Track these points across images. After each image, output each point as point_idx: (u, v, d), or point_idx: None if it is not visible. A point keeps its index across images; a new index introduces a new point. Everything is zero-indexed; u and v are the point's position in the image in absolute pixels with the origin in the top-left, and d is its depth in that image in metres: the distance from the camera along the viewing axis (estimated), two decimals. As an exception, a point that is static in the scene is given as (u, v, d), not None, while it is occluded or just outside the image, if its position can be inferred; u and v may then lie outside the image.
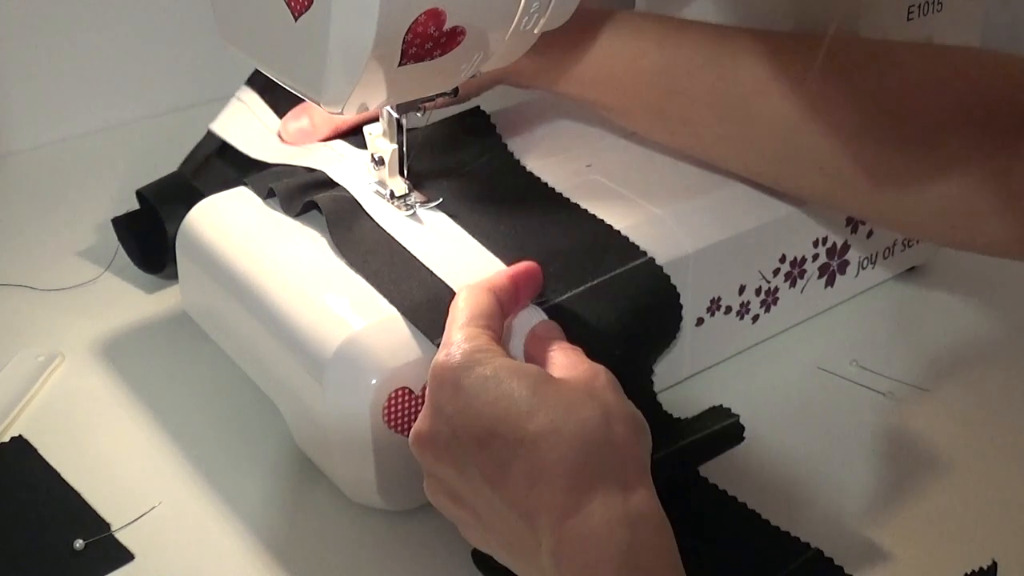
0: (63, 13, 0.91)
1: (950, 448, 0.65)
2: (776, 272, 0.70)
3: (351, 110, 0.56)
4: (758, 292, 0.69)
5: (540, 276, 0.58)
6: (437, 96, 0.63)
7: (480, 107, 0.73)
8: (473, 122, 0.72)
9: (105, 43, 0.94)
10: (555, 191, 0.67)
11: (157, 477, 0.62)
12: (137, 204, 0.76)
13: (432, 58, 0.54)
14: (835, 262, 0.73)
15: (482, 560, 0.56)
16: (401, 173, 0.64)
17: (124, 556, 0.57)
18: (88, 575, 0.56)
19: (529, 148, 0.71)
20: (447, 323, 0.54)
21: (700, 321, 0.67)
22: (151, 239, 0.75)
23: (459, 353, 0.51)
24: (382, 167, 0.64)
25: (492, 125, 0.72)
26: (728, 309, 0.68)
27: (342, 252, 0.61)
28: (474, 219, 0.64)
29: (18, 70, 0.91)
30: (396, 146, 0.63)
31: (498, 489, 0.49)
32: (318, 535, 0.59)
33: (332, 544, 0.59)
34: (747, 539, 0.58)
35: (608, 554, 0.47)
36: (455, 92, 0.65)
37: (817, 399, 0.68)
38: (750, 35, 0.64)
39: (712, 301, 0.67)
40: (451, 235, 0.63)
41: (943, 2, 0.70)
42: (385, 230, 0.63)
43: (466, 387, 0.50)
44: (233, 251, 0.64)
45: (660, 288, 0.63)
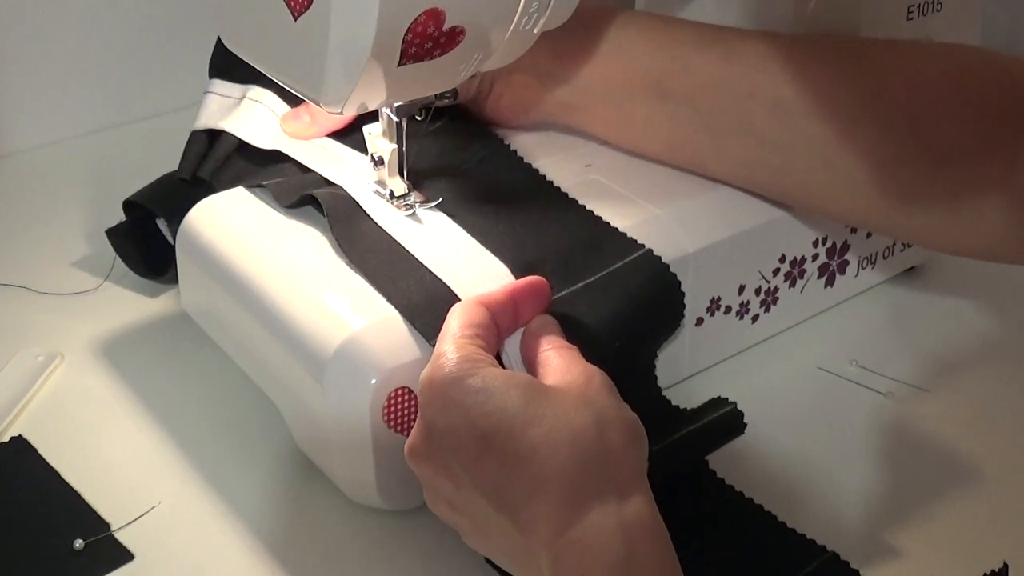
0: (63, 13, 0.91)
1: (950, 448, 0.65)
2: (776, 272, 0.70)
3: (351, 110, 0.56)
4: (758, 292, 0.69)
5: (546, 292, 0.58)
6: (437, 98, 0.63)
7: None
8: (472, 122, 0.72)
9: (105, 43, 0.94)
10: (556, 189, 0.67)
11: (157, 477, 0.62)
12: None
13: (432, 58, 0.54)
14: (835, 262, 0.73)
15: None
16: (401, 173, 0.64)
17: (124, 556, 0.57)
18: (88, 575, 0.56)
19: (529, 148, 0.71)
20: (439, 338, 0.54)
21: (700, 321, 0.67)
22: (149, 244, 0.75)
23: (447, 365, 0.51)
24: (382, 167, 0.64)
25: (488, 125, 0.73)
26: (728, 309, 0.68)
27: (342, 247, 0.61)
28: (474, 219, 0.64)
29: (18, 70, 0.91)
30: (396, 146, 0.63)
31: (494, 502, 0.49)
32: (318, 535, 0.59)
33: (332, 544, 0.59)
34: (761, 541, 0.58)
35: (605, 563, 0.47)
36: (455, 95, 0.65)
37: (817, 399, 0.68)
38: (753, 36, 0.65)
39: (712, 301, 0.67)
40: (451, 235, 0.63)
41: (943, 2, 0.70)
42: (384, 229, 0.63)
43: (456, 400, 0.50)
44: (233, 251, 0.64)
45: (660, 278, 0.63)
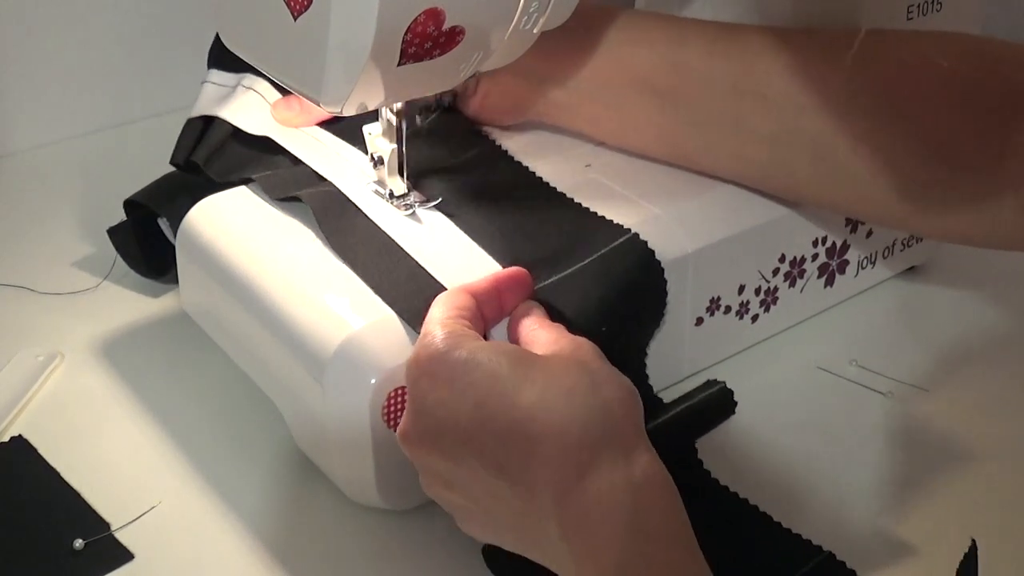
0: (63, 13, 0.91)
1: (950, 448, 0.65)
2: (776, 272, 0.70)
3: (351, 110, 0.56)
4: (758, 292, 0.69)
5: (528, 282, 0.58)
6: (436, 99, 0.63)
7: None
8: (471, 123, 0.73)
9: (105, 43, 0.94)
10: (556, 190, 0.67)
11: (157, 477, 0.62)
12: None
13: (431, 58, 0.54)
14: (835, 262, 0.73)
15: (492, 557, 0.56)
16: (400, 173, 0.64)
17: (124, 556, 0.57)
18: (88, 575, 0.56)
19: (529, 148, 0.71)
20: (424, 323, 0.54)
21: (700, 321, 0.67)
22: (150, 244, 0.75)
23: (432, 343, 0.51)
24: (382, 167, 0.64)
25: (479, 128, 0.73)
26: (728, 309, 0.68)
27: (330, 241, 0.61)
28: (473, 219, 0.64)
29: (18, 70, 0.91)
30: (396, 146, 0.63)
31: (493, 471, 0.49)
32: (318, 535, 0.59)
33: (332, 544, 0.59)
34: (756, 541, 0.58)
35: (615, 519, 0.46)
36: (454, 95, 0.65)
37: (817, 399, 0.68)
38: (760, 31, 0.65)
39: (712, 301, 0.67)
40: (450, 235, 0.63)
41: (943, 2, 0.70)
42: (374, 222, 0.63)
43: (443, 375, 0.50)
44: (233, 251, 0.64)
45: (645, 263, 0.62)
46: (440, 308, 0.54)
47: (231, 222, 0.66)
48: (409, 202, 0.64)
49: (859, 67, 0.62)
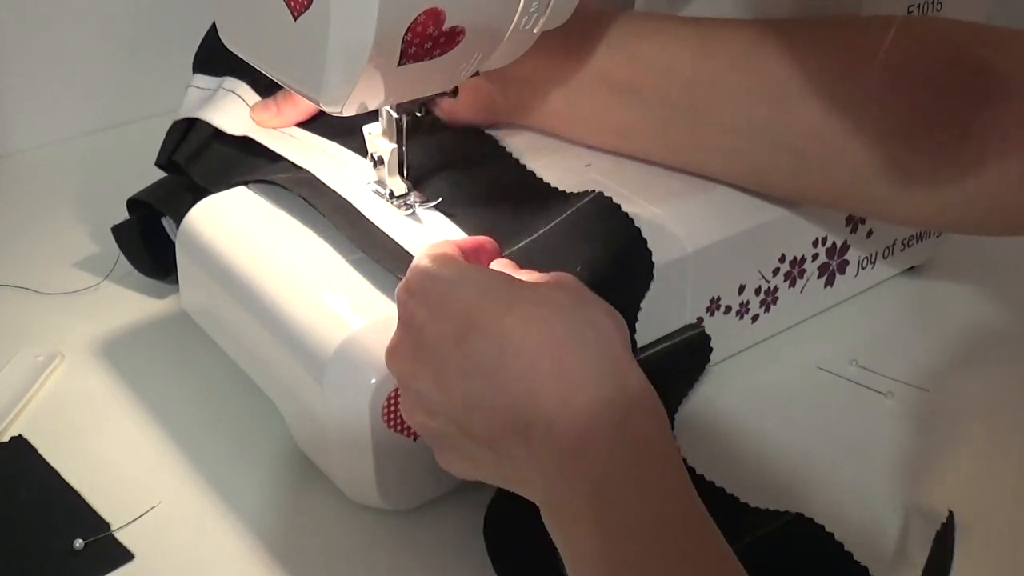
0: (63, 13, 0.91)
1: (950, 448, 0.65)
2: (776, 272, 0.70)
3: (351, 110, 0.56)
4: (758, 292, 0.69)
5: (496, 247, 0.58)
6: (437, 96, 0.63)
7: None
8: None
9: (105, 43, 0.94)
10: (557, 189, 0.67)
11: (157, 477, 0.62)
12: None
13: (431, 58, 0.54)
14: (835, 262, 0.73)
15: (493, 540, 0.56)
16: (400, 173, 0.64)
17: (124, 556, 0.57)
18: (88, 575, 0.56)
19: (529, 148, 0.71)
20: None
21: (700, 321, 0.67)
22: (153, 244, 0.75)
23: (420, 267, 0.51)
24: (382, 167, 0.64)
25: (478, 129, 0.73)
26: (728, 309, 0.68)
27: (312, 201, 0.63)
28: (473, 219, 0.64)
29: (18, 70, 0.91)
30: (396, 145, 0.63)
31: (480, 383, 0.48)
32: (318, 535, 0.59)
33: (332, 544, 0.59)
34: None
35: (605, 434, 0.46)
36: (455, 92, 0.65)
37: (817, 399, 0.68)
38: (697, 22, 0.65)
39: (712, 301, 0.67)
40: (450, 235, 0.63)
41: (943, 1, 0.70)
42: (345, 199, 0.64)
43: (434, 292, 0.50)
44: (233, 251, 0.64)
45: (615, 217, 0.62)
46: (427, 247, 0.55)
47: (231, 222, 0.66)
48: (409, 202, 0.64)
49: (812, 57, 0.62)
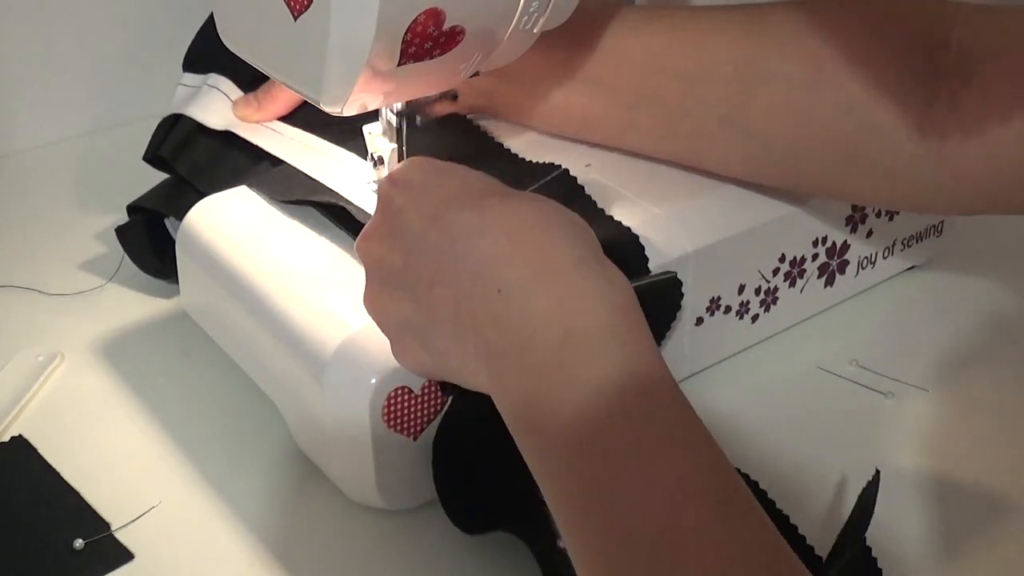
0: (63, 14, 0.91)
1: (950, 448, 0.65)
2: (776, 272, 0.70)
3: (351, 110, 0.56)
4: (758, 292, 0.69)
5: None
6: (437, 98, 0.64)
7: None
8: (470, 124, 0.73)
9: (105, 43, 0.94)
10: (556, 188, 0.67)
11: (157, 477, 0.62)
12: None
13: (432, 58, 0.54)
14: (835, 262, 0.73)
15: (448, 501, 0.56)
16: (400, 155, 0.64)
17: (124, 556, 0.57)
18: (88, 575, 0.56)
19: (529, 147, 0.71)
20: None
21: (700, 321, 0.67)
22: (158, 244, 0.75)
23: (409, 162, 0.53)
24: (381, 166, 0.64)
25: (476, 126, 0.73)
26: (728, 309, 0.68)
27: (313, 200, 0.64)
28: None
29: (18, 70, 0.91)
30: (396, 145, 0.63)
31: (451, 251, 0.48)
32: (318, 535, 0.59)
33: (332, 544, 0.59)
34: None
35: (598, 308, 0.45)
36: (455, 95, 0.65)
37: (817, 399, 0.68)
38: (659, 10, 0.66)
39: (712, 301, 0.67)
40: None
41: (943, 2, 0.70)
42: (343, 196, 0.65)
43: (417, 181, 0.51)
44: (233, 251, 0.64)
45: (621, 243, 0.62)
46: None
47: (231, 222, 0.66)
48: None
49: (769, 38, 0.63)
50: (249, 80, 0.75)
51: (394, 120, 0.63)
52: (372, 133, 0.64)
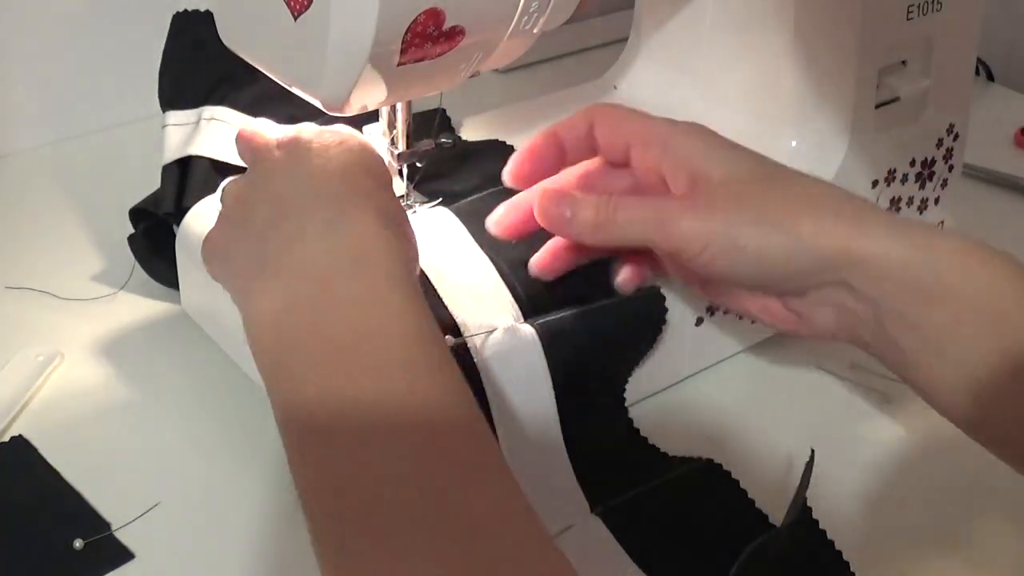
0: (63, 13, 0.91)
1: (950, 448, 0.65)
2: (776, 272, 0.69)
3: (351, 110, 0.56)
4: (758, 292, 0.69)
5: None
6: (438, 146, 0.64)
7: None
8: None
9: (105, 43, 0.94)
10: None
11: (157, 477, 0.62)
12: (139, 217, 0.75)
13: (432, 58, 0.54)
14: (835, 262, 0.73)
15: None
16: (400, 174, 0.65)
17: (124, 556, 0.57)
18: (88, 575, 0.56)
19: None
20: None
21: (700, 321, 0.67)
22: (169, 251, 0.72)
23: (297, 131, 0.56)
24: (381, 167, 0.64)
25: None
26: (728, 309, 0.68)
27: None
28: (474, 219, 0.64)
29: (18, 70, 0.91)
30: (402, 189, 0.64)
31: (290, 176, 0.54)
32: (318, 535, 0.59)
33: (332, 544, 0.59)
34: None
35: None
36: (454, 143, 0.65)
37: (816, 399, 0.68)
38: None
39: (712, 301, 0.67)
40: (451, 235, 0.63)
41: (943, 2, 0.70)
42: None
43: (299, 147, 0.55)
44: (233, 251, 0.64)
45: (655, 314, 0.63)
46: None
47: (231, 222, 0.66)
48: (410, 202, 0.64)
49: None
50: (248, 103, 0.73)
51: (395, 164, 0.63)
52: (372, 133, 0.64)
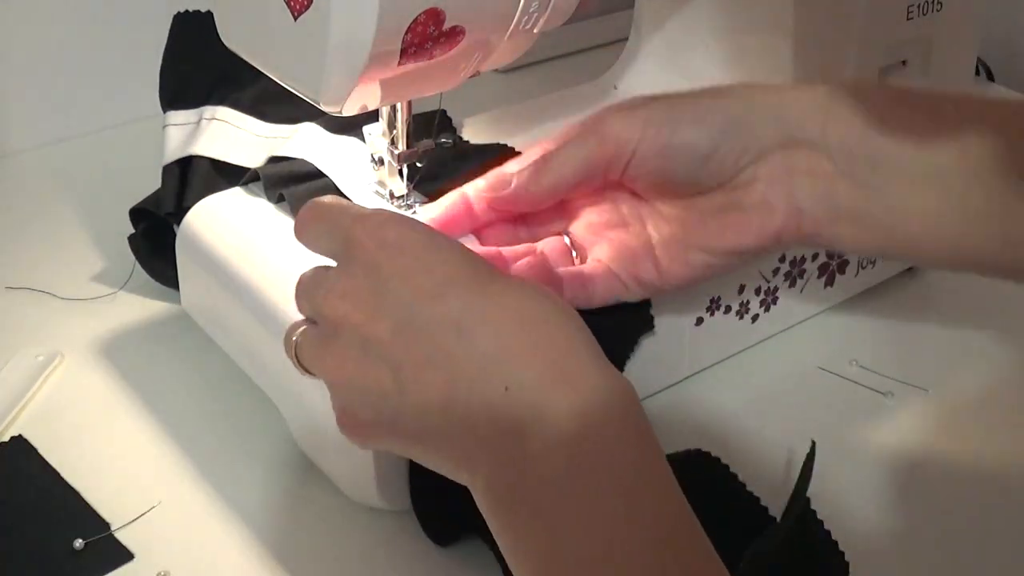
0: (64, 13, 0.91)
1: (950, 448, 0.65)
2: (776, 272, 0.70)
3: (351, 110, 0.56)
4: (758, 292, 0.69)
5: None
6: (437, 145, 0.64)
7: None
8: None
9: (106, 43, 0.94)
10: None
11: (157, 477, 0.62)
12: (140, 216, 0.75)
13: (432, 57, 0.54)
14: (835, 262, 0.73)
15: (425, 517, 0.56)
16: (400, 174, 0.64)
17: (124, 556, 0.57)
18: (88, 575, 0.56)
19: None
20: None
21: (700, 321, 0.67)
22: (170, 253, 0.73)
23: (390, 215, 0.49)
24: (382, 167, 0.64)
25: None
26: (728, 309, 0.68)
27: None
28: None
29: (18, 70, 0.91)
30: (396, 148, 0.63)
31: (452, 337, 0.45)
32: (318, 535, 0.59)
33: (332, 544, 0.59)
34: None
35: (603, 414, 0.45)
36: (454, 143, 0.65)
37: (817, 399, 0.68)
38: None
39: (712, 301, 0.67)
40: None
41: (943, 2, 0.70)
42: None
43: (405, 245, 0.47)
44: (233, 251, 0.64)
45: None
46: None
47: (231, 222, 0.66)
48: (410, 202, 0.64)
49: None
50: (249, 102, 0.73)
51: (396, 163, 0.63)
52: (372, 133, 0.64)
